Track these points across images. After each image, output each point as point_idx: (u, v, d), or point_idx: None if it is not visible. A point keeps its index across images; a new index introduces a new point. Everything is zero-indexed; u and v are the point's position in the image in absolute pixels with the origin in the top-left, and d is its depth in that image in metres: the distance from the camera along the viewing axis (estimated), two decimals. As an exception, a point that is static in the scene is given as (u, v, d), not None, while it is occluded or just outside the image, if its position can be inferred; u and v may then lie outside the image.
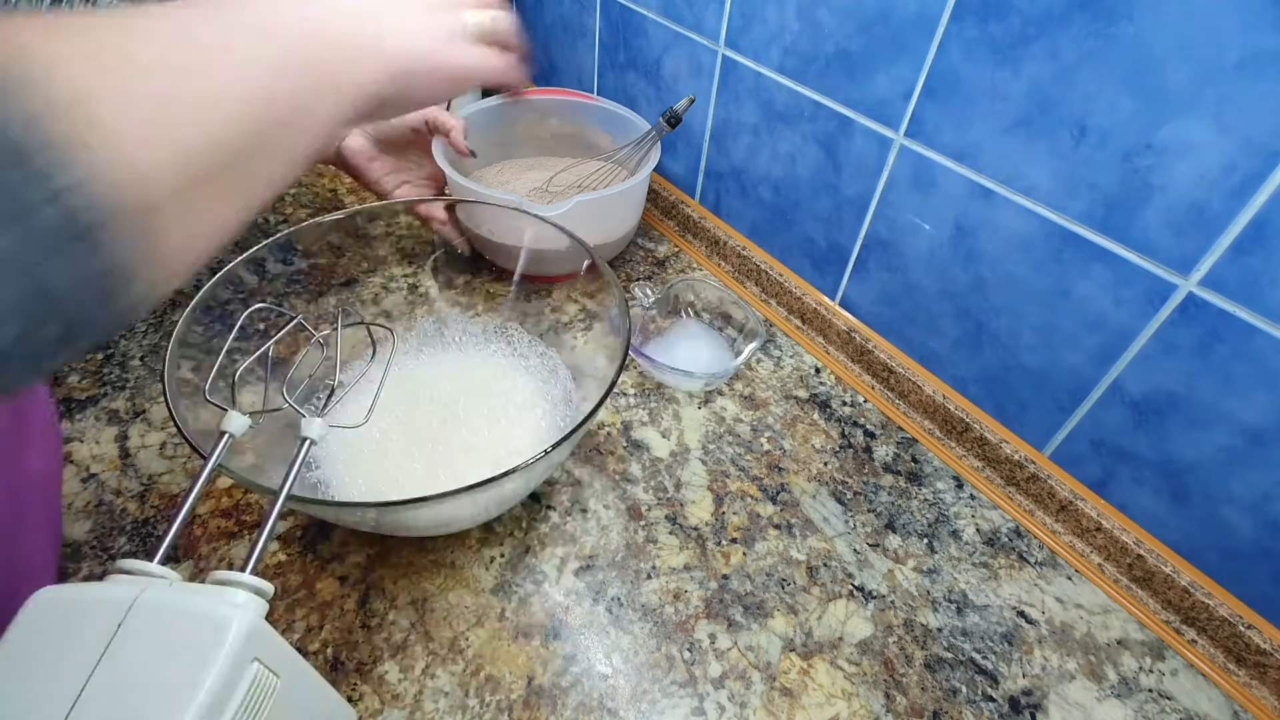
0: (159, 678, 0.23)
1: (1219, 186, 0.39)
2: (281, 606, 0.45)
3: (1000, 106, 0.47)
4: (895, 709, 0.43)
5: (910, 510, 0.55)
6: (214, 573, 0.28)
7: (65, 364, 0.48)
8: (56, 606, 0.25)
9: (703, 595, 0.48)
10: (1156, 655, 0.48)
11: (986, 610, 0.49)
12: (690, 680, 0.44)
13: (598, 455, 0.56)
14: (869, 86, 0.55)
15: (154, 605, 0.25)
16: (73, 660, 0.24)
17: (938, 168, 0.53)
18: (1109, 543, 0.52)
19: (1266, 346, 0.41)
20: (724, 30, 0.66)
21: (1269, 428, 0.42)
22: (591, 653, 0.44)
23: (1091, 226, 0.46)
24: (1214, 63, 0.38)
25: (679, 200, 0.81)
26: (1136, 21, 0.40)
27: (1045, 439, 0.55)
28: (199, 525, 0.48)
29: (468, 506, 0.43)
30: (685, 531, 0.52)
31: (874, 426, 0.62)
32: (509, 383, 0.57)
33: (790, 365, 0.67)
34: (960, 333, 0.57)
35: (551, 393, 0.56)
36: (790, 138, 0.64)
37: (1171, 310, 0.44)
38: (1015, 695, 0.45)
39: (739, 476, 0.56)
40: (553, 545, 0.50)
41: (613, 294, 0.50)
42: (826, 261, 0.67)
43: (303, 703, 0.31)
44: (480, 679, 0.42)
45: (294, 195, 0.82)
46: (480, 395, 0.55)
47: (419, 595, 0.46)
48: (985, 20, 0.46)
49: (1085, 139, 0.44)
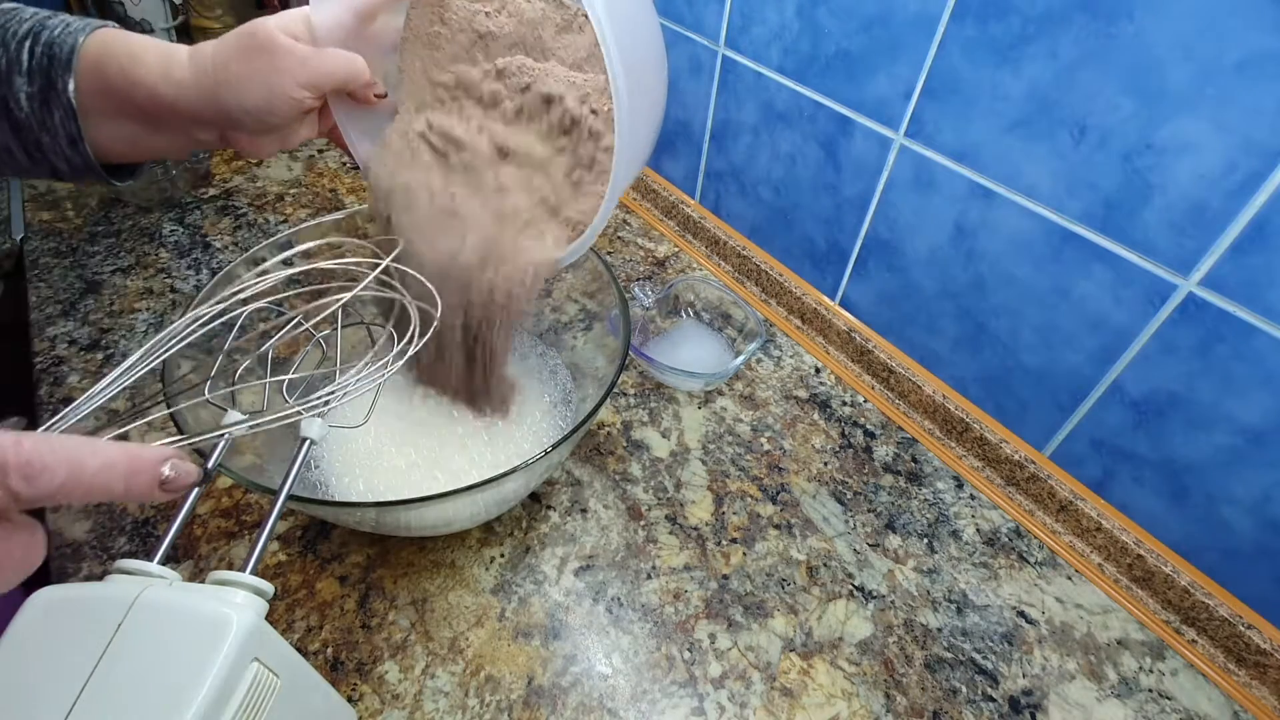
0: (159, 678, 0.23)
1: (1219, 186, 0.39)
2: (281, 606, 0.45)
3: (1000, 106, 0.47)
4: (895, 709, 0.43)
5: (910, 510, 0.55)
6: (214, 573, 0.28)
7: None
8: (56, 606, 0.25)
9: (703, 595, 0.48)
10: (1156, 655, 0.48)
11: (986, 610, 0.49)
12: (690, 680, 0.44)
13: (598, 455, 0.56)
14: (869, 86, 0.55)
15: (154, 605, 0.25)
16: (73, 660, 0.24)
17: (938, 168, 0.53)
18: (1109, 543, 0.52)
19: (1266, 346, 0.41)
20: (724, 30, 0.66)
21: (1269, 428, 0.42)
22: (591, 653, 0.44)
23: (1091, 226, 0.46)
24: (1214, 63, 0.38)
25: (679, 200, 0.81)
26: (1136, 21, 0.40)
27: (1045, 439, 0.55)
28: (199, 525, 0.48)
29: (467, 506, 0.43)
30: (685, 531, 0.52)
31: (874, 426, 0.62)
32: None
33: (790, 365, 0.67)
34: (960, 333, 0.57)
35: (551, 393, 0.56)
36: (790, 138, 0.64)
37: (1171, 310, 0.44)
38: (1015, 695, 0.45)
39: (739, 476, 0.56)
40: (553, 545, 0.50)
41: (612, 294, 0.50)
42: (826, 261, 0.67)
43: (303, 703, 0.30)
44: (480, 679, 0.42)
45: (294, 195, 0.82)
46: (480, 395, 0.55)
47: (419, 595, 0.46)
48: (985, 20, 0.46)
49: (1085, 139, 0.44)
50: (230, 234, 0.75)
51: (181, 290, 0.67)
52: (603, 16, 0.30)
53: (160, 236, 0.74)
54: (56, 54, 0.35)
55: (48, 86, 0.35)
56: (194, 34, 1.11)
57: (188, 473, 0.26)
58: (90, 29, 0.37)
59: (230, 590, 0.27)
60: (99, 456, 0.23)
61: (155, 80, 0.36)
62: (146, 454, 0.25)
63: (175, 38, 1.20)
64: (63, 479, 0.22)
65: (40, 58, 0.35)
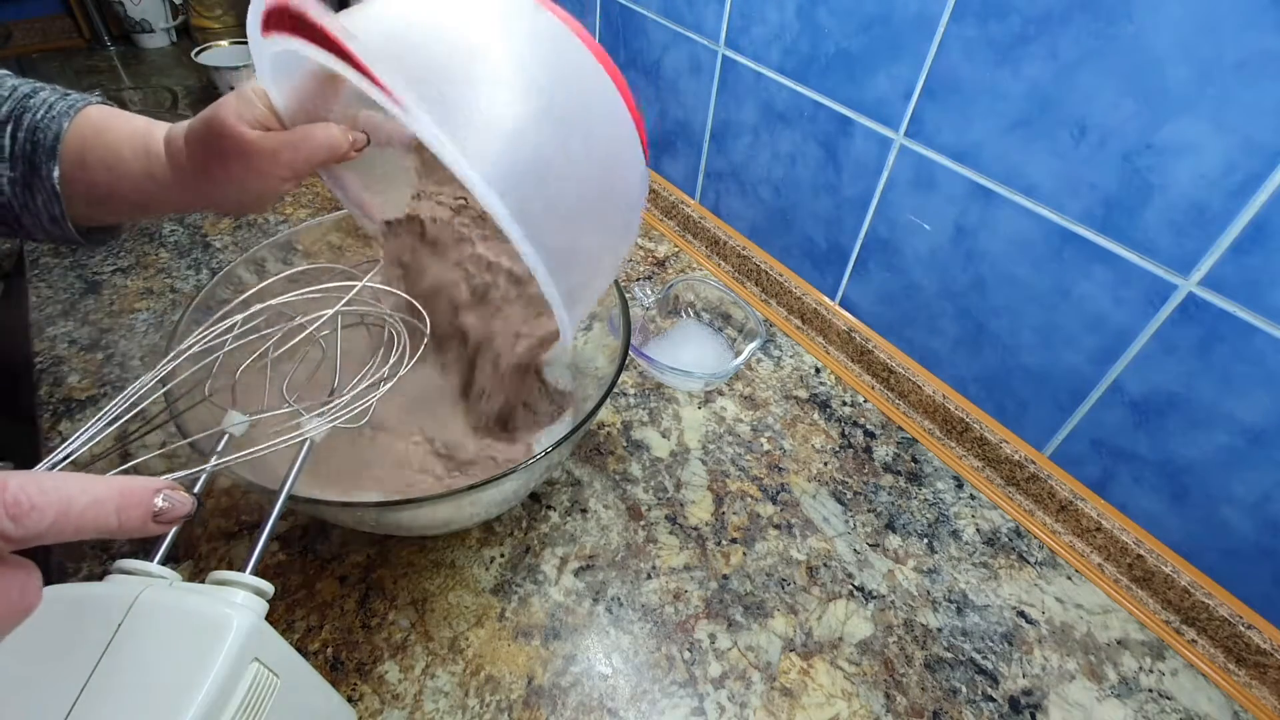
0: (159, 678, 0.23)
1: (1219, 186, 0.39)
2: (281, 606, 0.45)
3: (1000, 106, 0.47)
4: (895, 709, 0.43)
5: (910, 510, 0.55)
6: (214, 573, 0.28)
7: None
8: (56, 606, 0.25)
9: (703, 595, 0.48)
10: (1156, 655, 0.48)
11: (986, 610, 0.49)
12: (690, 680, 0.44)
13: (598, 455, 0.56)
14: (869, 86, 0.55)
15: (154, 605, 0.25)
16: (73, 660, 0.24)
17: (938, 168, 0.53)
18: (1109, 543, 0.52)
19: (1266, 346, 0.41)
20: (724, 30, 0.66)
21: (1269, 428, 0.42)
22: (591, 653, 0.44)
23: (1091, 226, 0.46)
24: (1214, 63, 0.38)
25: (679, 200, 0.81)
26: (1136, 21, 0.40)
27: (1045, 439, 0.55)
28: (199, 525, 0.48)
29: (467, 506, 0.43)
30: (685, 531, 0.52)
31: (874, 426, 0.62)
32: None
33: (790, 365, 0.67)
34: (960, 333, 0.57)
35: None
36: (790, 138, 0.64)
37: (1171, 310, 0.44)
38: (1015, 695, 0.45)
39: (739, 476, 0.56)
40: (553, 545, 0.50)
41: (612, 294, 0.50)
42: (826, 261, 0.67)
43: (303, 703, 0.31)
44: (480, 679, 0.42)
45: (294, 195, 0.82)
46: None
47: (419, 595, 0.46)
48: (985, 20, 0.46)
49: (1085, 139, 0.44)
50: (230, 234, 0.75)
51: (181, 290, 0.67)
52: (504, 219, 0.28)
53: (160, 236, 0.74)
54: (40, 140, 0.35)
55: (30, 173, 0.35)
56: (194, 34, 1.11)
57: (181, 502, 0.25)
58: (75, 110, 0.36)
59: (230, 590, 0.27)
60: (88, 493, 0.22)
61: (137, 178, 0.36)
62: (137, 486, 0.24)
63: (175, 37, 1.20)
64: (52, 518, 0.21)
65: (24, 144, 0.35)
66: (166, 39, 1.19)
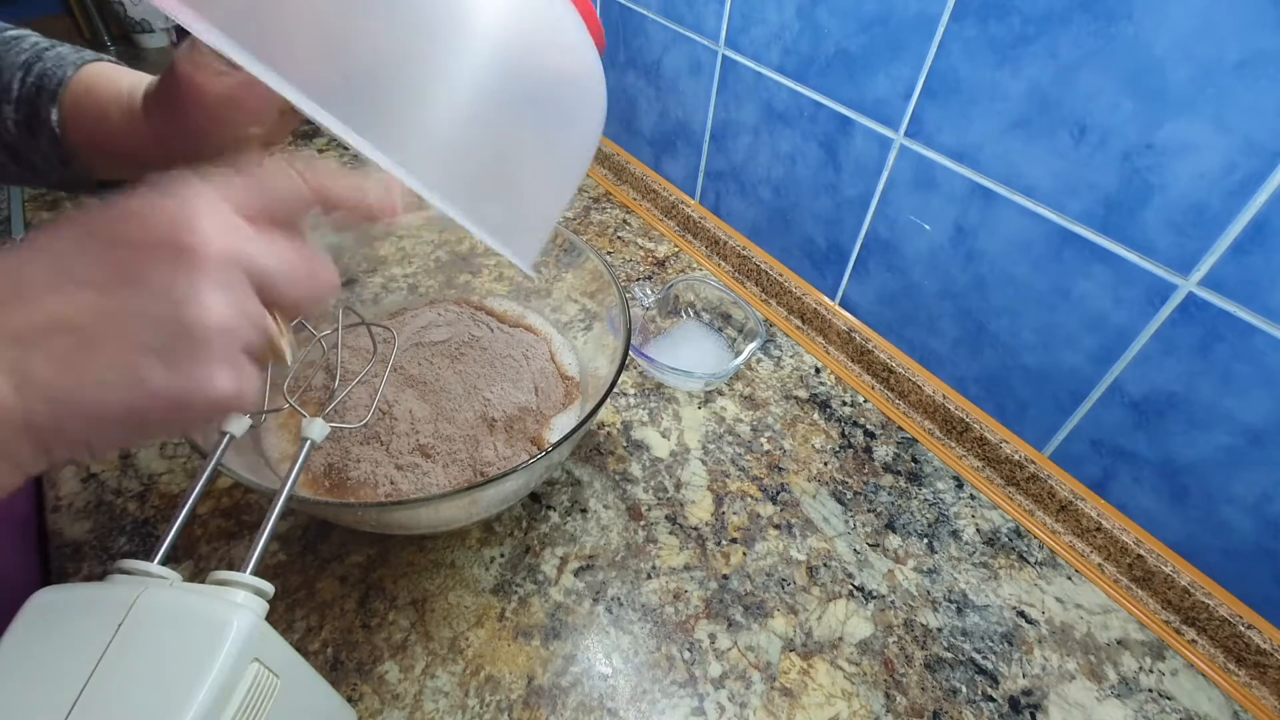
0: (159, 678, 0.23)
1: (1219, 186, 0.39)
2: (281, 606, 0.45)
3: (1000, 106, 0.47)
4: (895, 709, 0.43)
5: (910, 510, 0.55)
6: (214, 573, 0.28)
7: None
8: (56, 606, 0.25)
9: (703, 595, 0.48)
10: (1156, 655, 0.48)
11: (986, 610, 0.49)
12: (690, 680, 0.44)
13: (598, 455, 0.56)
14: (869, 86, 0.55)
15: (154, 605, 0.25)
16: (73, 660, 0.24)
17: (938, 168, 0.53)
18: (1109, 543, 0.52)
19: (1266, 346, 0.41)
20: (724, 30, 0.66)
21: (1269, 428, 0.42)
22: (591, 653, 0.44)
23: (1091, 226, 0.46)
24: (1214, 63, 0.38)
25: (679, 200, 0.81)
26: (1136, 21, 0.40)
27: (1045, 439, 0.55)
28: (199, 525, 0.48)
29: (467, 506, 0.43)
30: (685, 531, 0.52)
31: (874, 426, 0.62)
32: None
33: (790, 365, 0.67)
34: (960, 333, 0.57)
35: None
36: (790, 138, 0.64)
37: (1171, 310, 0.44)
38: (1015, 695, 0.45)
39: (739, 476, 0.56)
40: (553, 545, 0.50)
41: (613, 294, 0.50)
42: (826, 261, 0.67)
43: (303, 703, 0.30)
44: (480, 679, 0.42)
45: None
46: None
47: (419, 595, 0.46)
48: (985, 20, 0.46)
49: (1085, 139, 0.44)
50: (230, 234, 0.75)
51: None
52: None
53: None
54: (45, 85, 0.36)
55: (33, 115, 0.36)
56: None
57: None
58: (83, 63, 0.37)
59: (230, 590, 0.27)
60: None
61: (123, 131, 0.36)
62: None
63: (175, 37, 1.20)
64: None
65: (29, 87, 0.36)
66: (166, 39, 1.19)
